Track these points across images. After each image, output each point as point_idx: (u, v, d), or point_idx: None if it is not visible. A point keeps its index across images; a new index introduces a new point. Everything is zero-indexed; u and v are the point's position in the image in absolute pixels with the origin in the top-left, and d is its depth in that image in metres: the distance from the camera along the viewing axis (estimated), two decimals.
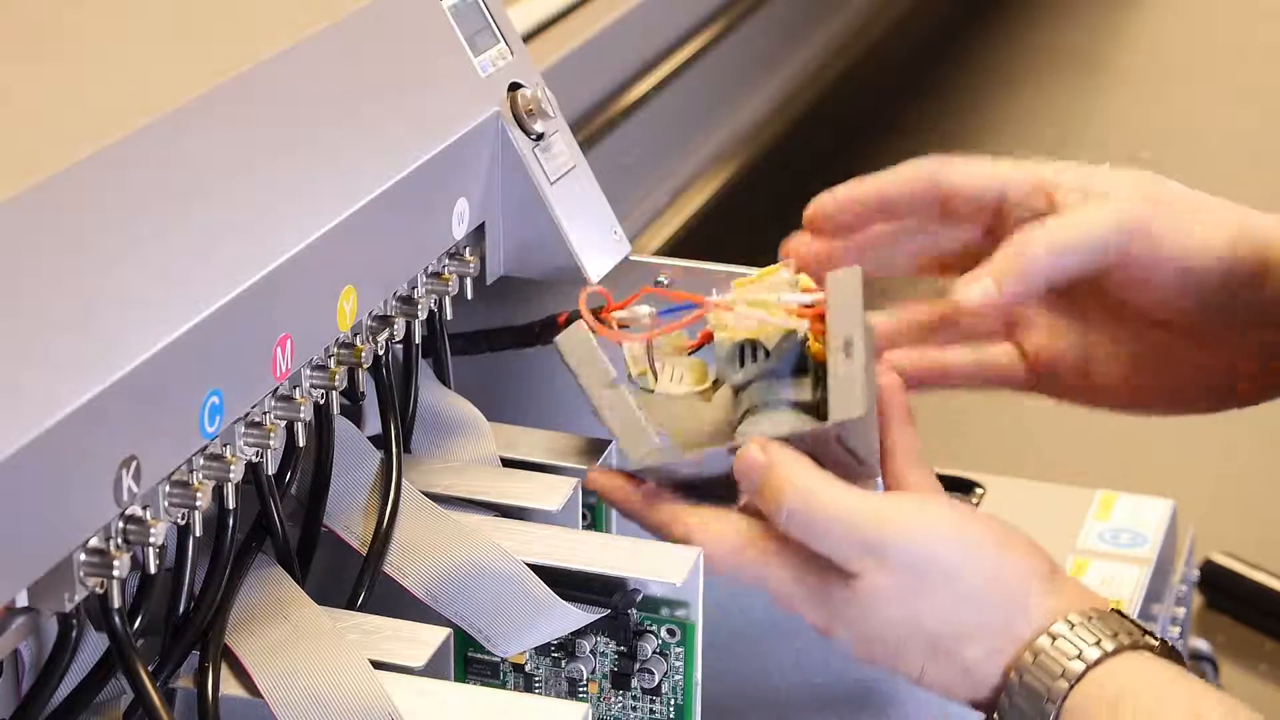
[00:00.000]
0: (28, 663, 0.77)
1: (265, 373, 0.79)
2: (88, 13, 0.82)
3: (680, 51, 1.78)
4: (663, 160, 1.74)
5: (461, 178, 0.93)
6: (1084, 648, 0.82)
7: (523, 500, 0.91)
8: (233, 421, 0.77)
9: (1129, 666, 0.82)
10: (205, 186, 0.77)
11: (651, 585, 0.86)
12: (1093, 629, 0.83)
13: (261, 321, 0.78)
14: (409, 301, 0.90)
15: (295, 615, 0.82)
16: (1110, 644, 0.82)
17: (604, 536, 0.93)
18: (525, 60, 0.99)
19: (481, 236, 0.96)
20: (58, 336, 0.68)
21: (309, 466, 0.88)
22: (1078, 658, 0.82)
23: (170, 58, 0.81)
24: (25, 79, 0.76)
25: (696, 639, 0.87)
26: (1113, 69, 2.50)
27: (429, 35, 0.94)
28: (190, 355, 0.73)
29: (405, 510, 0.89)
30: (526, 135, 0.96)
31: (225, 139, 0.79)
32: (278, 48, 0.83)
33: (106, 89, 0.77)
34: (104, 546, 0.70)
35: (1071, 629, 0.82)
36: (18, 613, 0.70)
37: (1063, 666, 0.82)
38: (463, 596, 0.86)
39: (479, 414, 0.97)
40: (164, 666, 0.79)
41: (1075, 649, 0.82)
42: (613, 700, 0.88)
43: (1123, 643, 0.82)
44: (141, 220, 0.73)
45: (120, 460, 0.70)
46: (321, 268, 0.82)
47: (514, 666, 0.89)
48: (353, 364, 0.85)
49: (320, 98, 0.85)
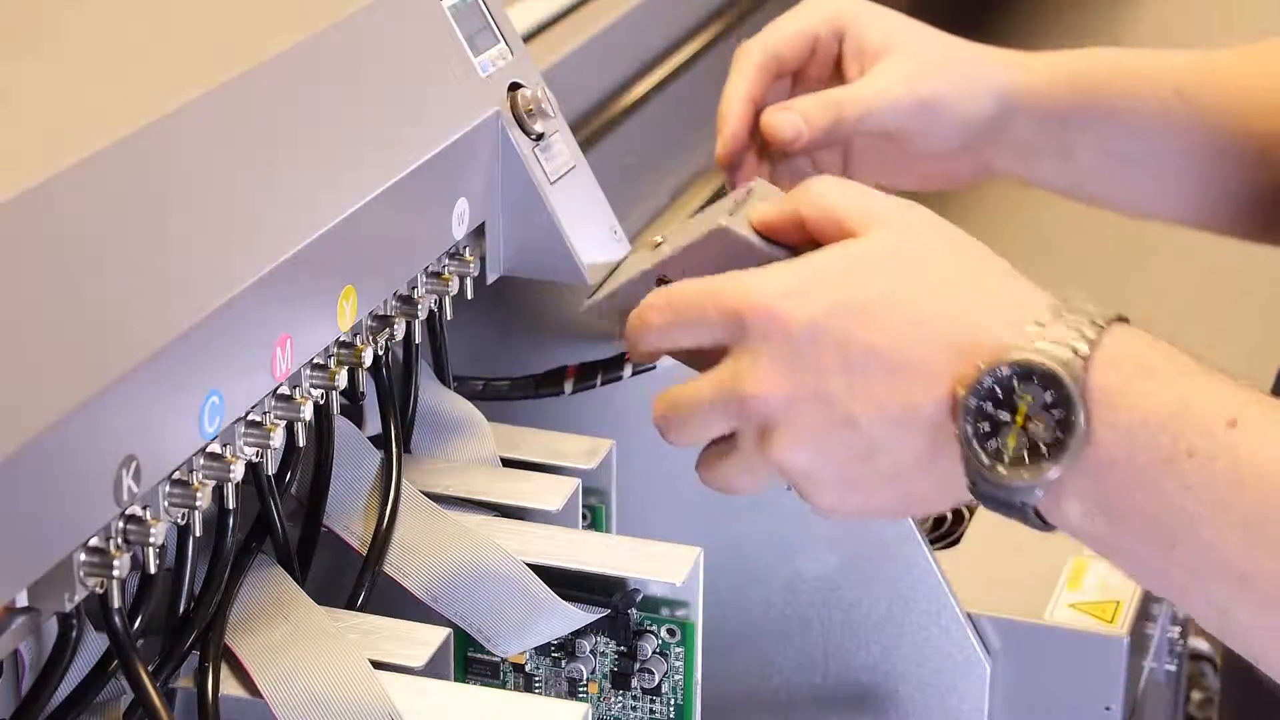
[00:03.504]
0: (28, 663, 0.77)
1: (265, 373, 0.79)
2: (87, 13, 0.82)
3: (680, 51, 1.77)
4: (663, 160, 1.74)
5: (461, 178, 0.93)
6: (1082, 325, 0.77)
7: (523, 500, 0.91)
8: (233, 421, 0.77)
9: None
10: (205, 186, 0.77)
11: (651, 585, 0.87)
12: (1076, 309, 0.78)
13: (261, 321, 0.78)
14: (409, 301, 0.90)
15: (295, 615, 0.82)
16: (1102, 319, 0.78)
17: (604, 536, 0.93)
18: (525, 60, 0.99)
19: (481, 236, 0.96)
20: (58, 336, 0.68)
21: (309, 466, 0.88)
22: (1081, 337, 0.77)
23: (170, 58, 0.81)
24: (25, 79, 0.76)
25: (696, 639, 0.87)
26: None
27: (429, 35, 0.94)
28: (190, 355, 0.73)
29: (405, 510, 0.89)
30: (526, 135, 0.96)
31: (226, 139, 0.79)
32: (278, 48, 0.83)
33: (106, 89, 0.77)
34: (104, 546, 0.70)
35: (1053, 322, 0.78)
36: (18, 613, 0.70)
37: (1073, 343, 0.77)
38: (463, 596, 0.86)
39: (479, 414, 0.97)
40: (164, 666, 0.79)
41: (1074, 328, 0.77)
42: (613, 700, 0.88)
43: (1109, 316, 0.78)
44: (141, 220, 0.73)
45: (120, 460, 0.70)
46: (321, 268, 0.82)
47: (514, 666, 0.89)
48: (353, 364, 0.85)
49: (320, 98, 0.85)
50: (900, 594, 0.98)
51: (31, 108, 0.74)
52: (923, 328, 0.78)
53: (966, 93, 1.10)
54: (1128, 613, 1.01)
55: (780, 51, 1.09)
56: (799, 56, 1.09)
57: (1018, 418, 0.76)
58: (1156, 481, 0.75)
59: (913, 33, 1.11)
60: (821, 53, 1.10)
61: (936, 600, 0.98)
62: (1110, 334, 0.77)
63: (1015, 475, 0.76)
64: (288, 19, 0.86)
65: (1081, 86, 1.12)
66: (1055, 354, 0.76)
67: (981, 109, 1.10)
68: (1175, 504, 0.75)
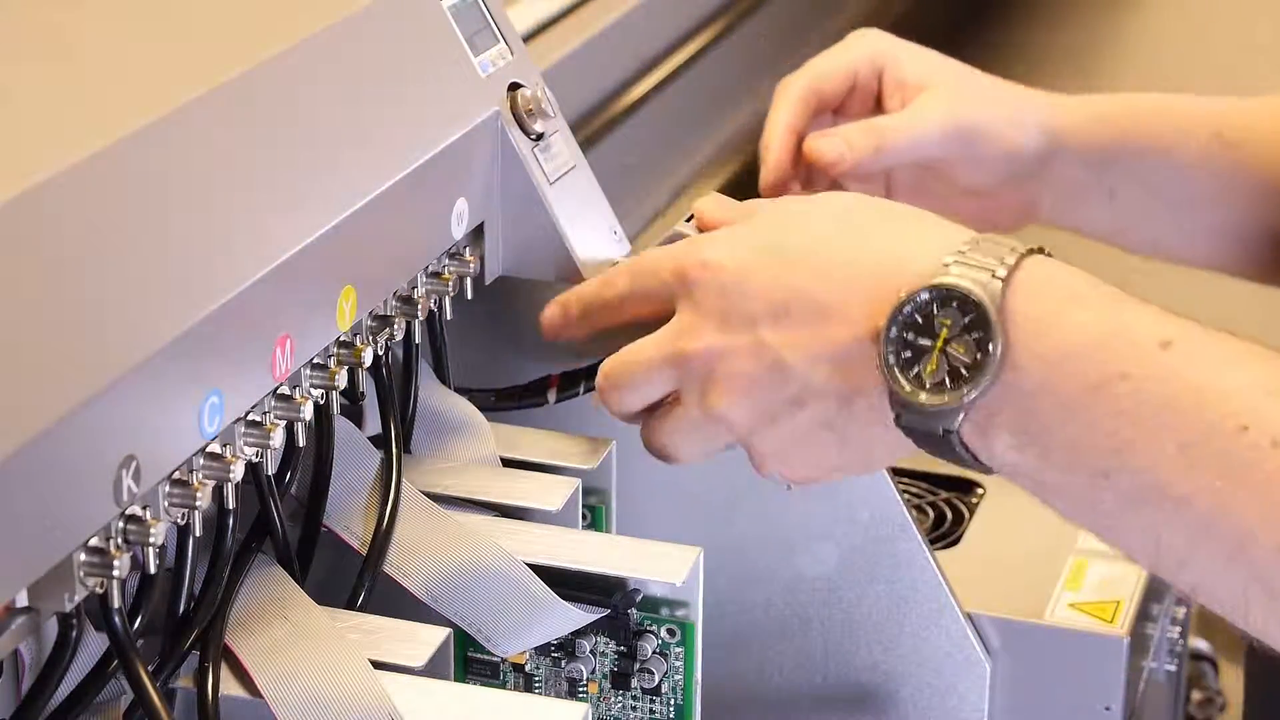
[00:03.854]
0: (28, 663, 0.77)
1: (265, 373, 0.79)
2: (87, 13, 0.82)
3: (680, 51, 1.77)
4: (663, 160, 1.74)
5: (461, 178, 0.93)
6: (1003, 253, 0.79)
7: (523, 500, 0.91)
8: (232, 421, 0.77)
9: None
10: (205, 186, 0.77)
11: (651, 585, 0.87)
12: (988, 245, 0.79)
13: (261, 321, 0.78)
14: (409, 301, 0.90)
15: (295, 615, 0.82)
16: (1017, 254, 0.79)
17: (604, 536, 0.93)
18: (525, 60, 0.99)
19: (481, 236, 0.96)
20: (58, 336, 0.68)
21: (309, 466, 0.88)
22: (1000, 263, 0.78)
23: (170, 58, 0.81)
24: (25, 79, 0.76)
25: (696, 639, 0.87)
26: (1113, 69, 2.50)
27: (429, 35, 0.94)
28: (190, 355, 0.73)
29: (405, 510, 0.89)
30: (526, 135, 0.96)
31: (225, 139, 0.79)
32: (278, 48, 0.83)
33: (106, 89, 0.77)
34: (104, 546, 0.70)
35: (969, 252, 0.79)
36: (18, 613, 0.70)
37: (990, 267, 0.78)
38: (463, 596, 0.86)
39: (479, 414, 0.97)
40: (164, 666, 0.79)
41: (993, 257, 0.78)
42: (613, 700, 0.88)
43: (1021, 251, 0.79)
44: (141, 220, 0.73)
45: (120, 460, 0.70)
46: (321, 268, 0.82)
47: (514, 666, 0.89)
48: (353, 364, 0.85)
49: (320, 98, 0.85)
50: (900, 594, 0.98)
51: (31, 108, 0.74)
52: (847, 269, 0.81)
53: (1011, 123, 1.09)
54: (1128, 613, 1.01)
55: (821, 85, 1.09)
56: (839, 91, 1.10)
57: (937, 342, 0.78)
58: (1088, 408, 0.75)
59: (952, 68, 1.11)
60: (861, 89, 1.10)
61: (936, 600, 0.98)
62: (1030, 261, 0.78)
63: (935, 399, 0.77)
64: (288, 19, 0.86)
65: (1124, 127, 1.11)
66: (973, 277, 0.77)
67: (1026, 141, 1.09)
68: (1107, 430, 0.75)
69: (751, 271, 0.83)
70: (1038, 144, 1.10)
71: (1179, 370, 0.75)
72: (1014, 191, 1.11)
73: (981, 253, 0.79)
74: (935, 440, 0.78)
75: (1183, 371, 0.75)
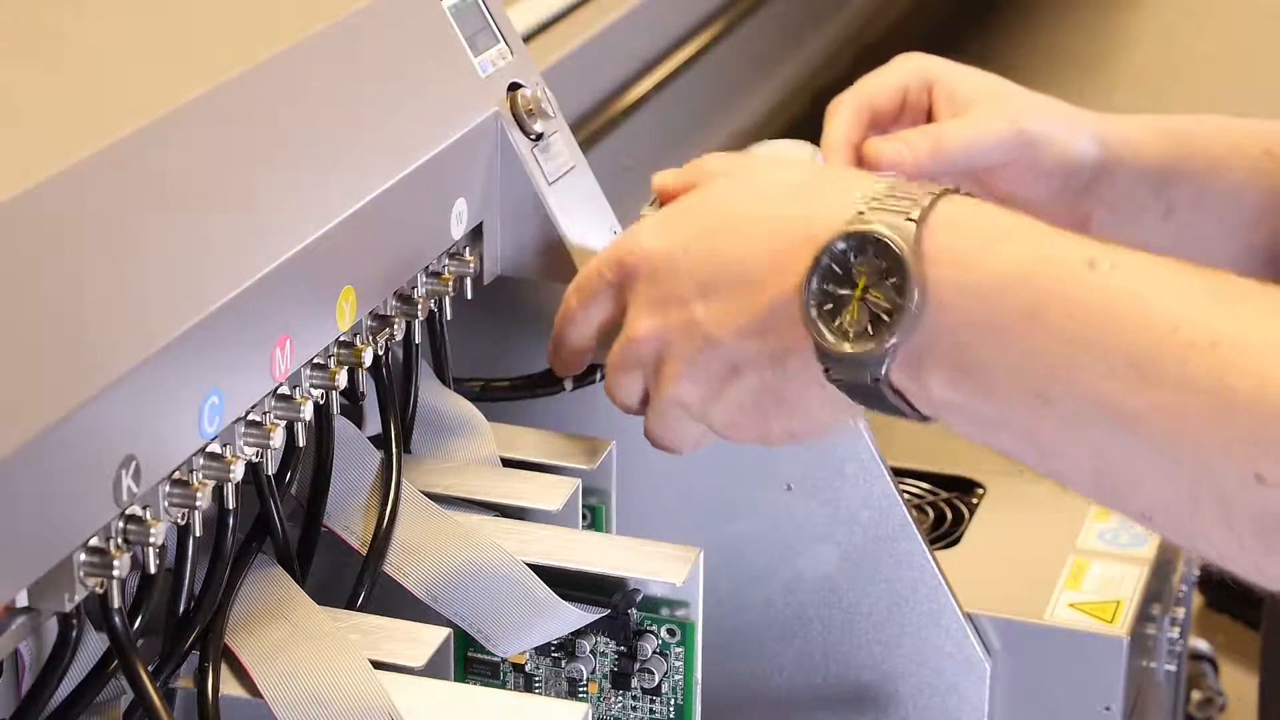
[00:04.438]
0: (28, 663, 0.77)
1: (265, 373, 0.79)
2: (87, 13, 0.82)
3: (680, 51, 1.78)
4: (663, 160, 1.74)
5: (461, 178, 0.93)
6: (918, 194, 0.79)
7: (523, 500, 0.91)
8: (232, 421, 0.77)
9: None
10: (205, 186, 0.77)
11: (651, 585, 0.87)
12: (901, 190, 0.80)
13: (261, 321, 0.78)
14: (409, 301, 0.90)
15: (295, 615, 0.82)
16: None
17: (604, 536, 0.93)
18: (525, 60, 0.99)
19: (480, 236, 0.96)
20: (58, 336, 0.68)
21: (309, 466, 0.88)
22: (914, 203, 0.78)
23: (170, 58, 0.81)
24: (25, 79, 0.76)
25: (696, 639, 0.87)
26: (1113, 69, 2.50)
27: (429, 35, 0.94)
28: (190, 355, 0.73)
29: (405, 510, 0.89)
30: (526, 135, 0.96)
31: (225, 139, 0.79)
32: (278, 48, 0.83)
33: (106, 89, 0.77)
34: (104, 546, 0.70)
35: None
36: (18, 613, 0.70)
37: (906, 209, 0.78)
38: (463, 596, 0.86)
39: (479, 414, 0.97)
40: (164, 666, 0.79)
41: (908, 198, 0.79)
42: (613, 700, 0.88)
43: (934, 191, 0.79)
44: (141, 220, 0.73)
45: (120, 460, 0.70)
46: (321, 268, 0.82)
47: (514, 666, 0.89)
48: (353, 364, 0.85)
49: (320, 98, 0.85)
50: (900, 594, 0.99)
51: (31, 108, 0.74)
52: (768, 231, 0.82)
53: (1069, 132, 1.08)
54: (1128, 613, 1.01)
55: (873, 100, 1.08)
56: (891, 107, 1.09)
57: (856, 290, 0.78)
58: (1022, 334, 0.75)
59: (1003, 84, 1.10)
60: (912, 105, 1.09)
61: (936, 600, 0.98)
62: (946, 201, 0.79)
63: (858, 347, 0.77)
64: (288, 19, 0.86)
65: (1182, 142, 1.10)
66: (887, 220, 0.78)
67: (1084, 152, 1.08)
68: (1044, 352, 0.75)
69: (679, 252, 0.85)
70: (1094, 156, 1.08)
71: (1109, 284, 0.75)
72: (1068, 206, 1.10)
73: (896, 197, 0.79)
74: (866, 391, 0.79)
75: (1114, 285, 0.75)
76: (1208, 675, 1.67)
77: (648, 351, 0.86)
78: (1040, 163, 1.07)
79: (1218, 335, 0.72)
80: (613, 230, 1.00)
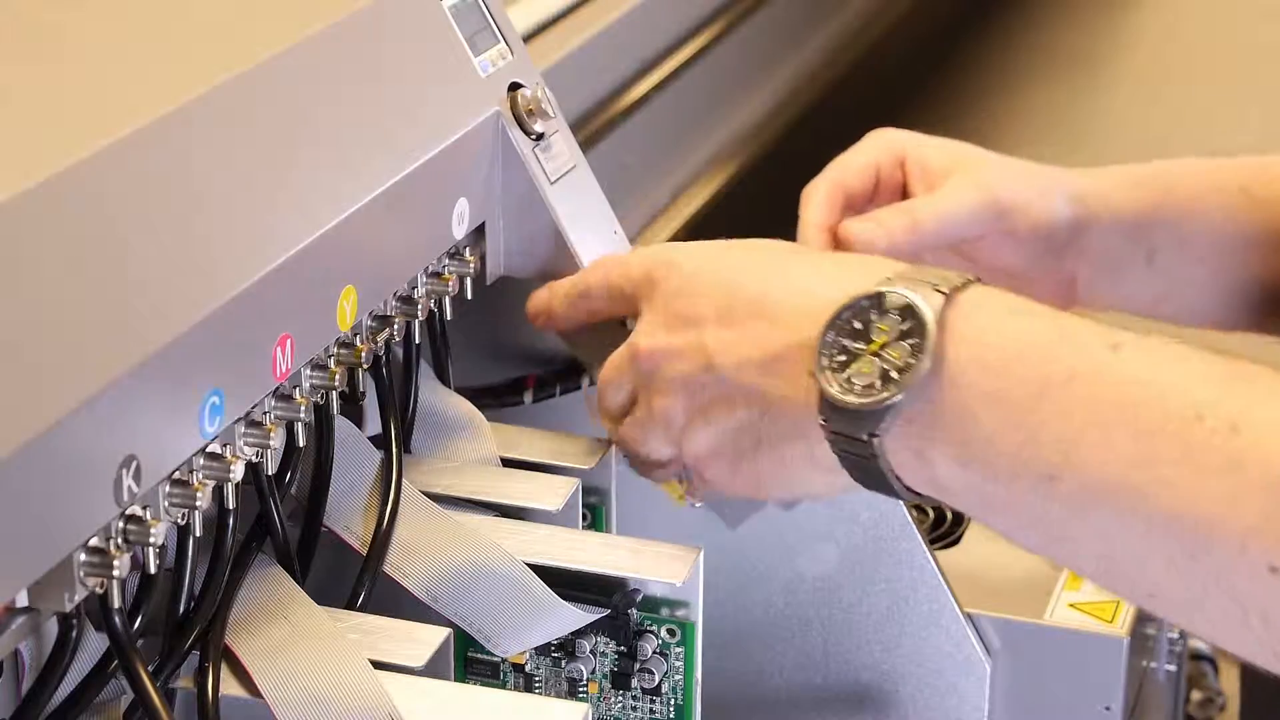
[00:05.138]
0: (28, 663, 0.77)
1: (265, 373, 0.79)
2: (87, 13, 0.82)
3: (680, 51, 1.78)
4: (663, 160, 1.74)
5: (461, 178, 0.93)
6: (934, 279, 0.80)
7: (523, 500, 0.91)
8: (233, 421, 0.77)
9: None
10: (206, 186, 0.77)
11: (651, 585, 0.87)
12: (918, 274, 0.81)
13: (261, 321, 0.78)
14: (409, 301, 0.90)
15: (295, 615, 0.82)
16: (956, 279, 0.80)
17: (604, 536, 0.93)
18: (525, 60, 0.99)
19: (481, 236, 0.96)
20: (58, 336, 0.68)
21: (309, 466, 0.88)
22: (934, 289, 0.79)
23: (170, 58, 0.81)
24: (25, 79, 0.76)
25: (696, 639, 0.87)
26: (1113, 69, 2.50)
27: (429, 35, 0.94)
28: (190, 355, 0.73)
29: (405, 510, 0.89)
30: (526, 135, 0.96)
31: (225, 139, 0.79)
32: (278, 48, 0.83)
33: (106, 89, 0.77)
34: (104, 546, 0.70)
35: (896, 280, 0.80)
36: (18, 613, 0.70)
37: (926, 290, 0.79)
38: (463, 596, 0.86)
39: (479, 414, 0.97)
40: (164, 666, 0.79)
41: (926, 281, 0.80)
42: (613, 700, 0.88)
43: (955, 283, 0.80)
44: (141, 220, 0.73)
45: (120, 460, 0.70)
46: (321, 268, 0.82)
47: (514, 666, 0.89)
48: (353, 364, 0.85)
49: (320, 98, 0.85)
50: (900, 594, 0.99)
51: (31, 108, 0.74)
52: (801, 287, 0.83)
53: (1041, 195, 1.07)
54: (1128, 613, 1.01)
55: (845, 181, 1.08)
56: (864, 187, 1.08)
57: (872, 345, 0.79)
58: (1034, 411, 0.75)
59: (975, 151, 1.10)
60: (885, 182, 1.09)
61: (936, 600, 0.98)
62: (973, 286, 0.80)
63: (863, 399, 0.78)
64: (288, 19, 0.86)
65: (1157, 189, 1.09)
66: (915, 289, 0.79)
67: (1058, 213, 1.07)
68: (1055, 431, 0.75)
69: (704, 273, 0.86)
70: (1070, 215, 1.08)
71: (1128, 367, 0.75)
72: (1049, 269, 1.09)
73: (924, 274, 0.80)
74: (857, 452, 0.78)
75: (1133, 368, 0.75)
76: (1208, 675, 1.67)
77: (648, 363, 0.87)
78: (1016, 230, 1.07)
79: (1238, 420, 0.72)
80: (613, 230, 1.00)
